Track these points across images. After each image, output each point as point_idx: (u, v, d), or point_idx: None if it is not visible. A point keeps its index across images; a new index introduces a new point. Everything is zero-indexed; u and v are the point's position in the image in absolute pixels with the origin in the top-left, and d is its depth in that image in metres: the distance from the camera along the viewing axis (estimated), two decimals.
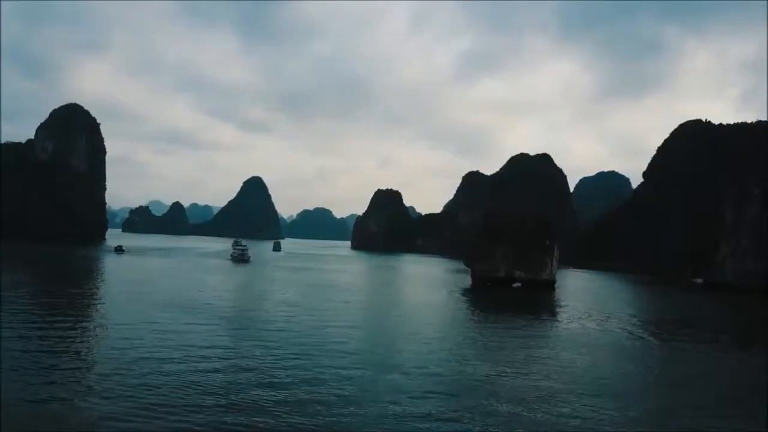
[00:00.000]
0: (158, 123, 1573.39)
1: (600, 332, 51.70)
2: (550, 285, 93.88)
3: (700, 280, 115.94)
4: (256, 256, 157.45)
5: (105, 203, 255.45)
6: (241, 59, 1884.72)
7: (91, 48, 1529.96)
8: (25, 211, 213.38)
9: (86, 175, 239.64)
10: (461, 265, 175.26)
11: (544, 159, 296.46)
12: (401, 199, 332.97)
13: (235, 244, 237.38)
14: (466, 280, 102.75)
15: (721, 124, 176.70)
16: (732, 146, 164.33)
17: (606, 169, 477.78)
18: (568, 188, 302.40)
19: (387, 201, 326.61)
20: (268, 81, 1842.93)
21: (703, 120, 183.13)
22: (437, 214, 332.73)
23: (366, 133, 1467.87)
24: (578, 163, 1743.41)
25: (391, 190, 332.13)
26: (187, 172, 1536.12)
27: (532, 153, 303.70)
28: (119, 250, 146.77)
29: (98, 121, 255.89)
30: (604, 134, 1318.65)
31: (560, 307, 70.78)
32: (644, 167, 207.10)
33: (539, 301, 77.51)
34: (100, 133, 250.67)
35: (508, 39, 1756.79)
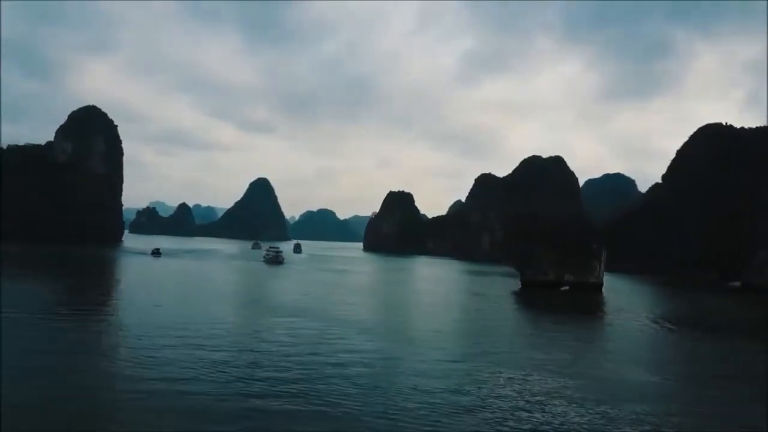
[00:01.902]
0: (161, 124, 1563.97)
1: (677, 334, 53.73)
2: (598, 288, 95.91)
3: (737, 284, 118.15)
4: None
5: (122, 205, 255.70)
6: (245, 60, 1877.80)
7: (96, 49, 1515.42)
8: (44, 212, 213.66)
9: (104, 176, 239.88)
10: (480, 267, 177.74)
11: (557, 161, 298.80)
12: (413, 201, 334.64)
13: (255, 246, 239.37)
14: (506, 283, 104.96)
15: (743, 128, 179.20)
16: (754, 151, 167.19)
17: (610, 171, 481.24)
18: (580, 191, 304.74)
19: (399, 203, 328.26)
20: (272, 81, 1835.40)
21: (724, 123, 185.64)
22: (448, 216, 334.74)
23: (368, 134, 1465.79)
24: (582, 164, 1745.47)
25: (402, 192, 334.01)
26: (190, 173, 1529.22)
27: (535, 154, 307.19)
28: (156, 253, 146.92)
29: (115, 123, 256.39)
30: (609, 136, 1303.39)
31: (623, 310, 72.49)
32: (649, 169, 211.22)
33: (601, 304, 79.38)
34: (117, 135, 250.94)
35: (512, 39, 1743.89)
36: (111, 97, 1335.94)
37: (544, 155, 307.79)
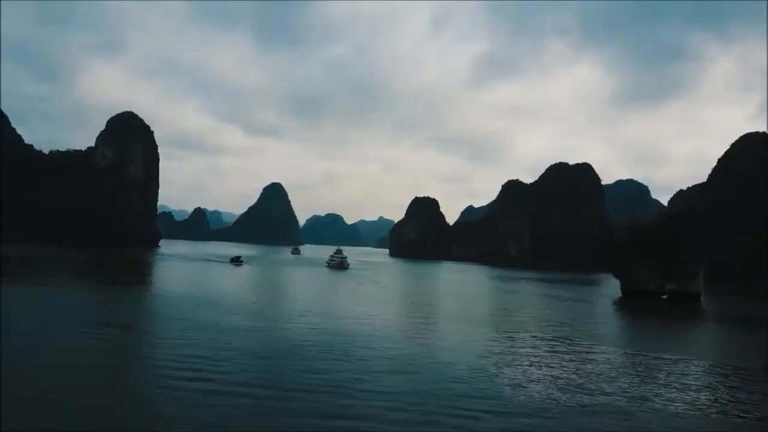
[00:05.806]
0: (169, 127, 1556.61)
1: None
2: (697, 297, 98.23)
3: None
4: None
5: (157, 210, 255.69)
6: (255, 62, 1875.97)
7: (104, 50, 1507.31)
8: (85, 217, 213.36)
9: (142, 181, 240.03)
10: (520, 273, 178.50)
11: (583, 168, 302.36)
12: (437, 207, 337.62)
13: (294, 251, 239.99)
14: (590, 292, 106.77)
15: None
16: None
17: (619, 176, 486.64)
18: (604, 198, 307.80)
19: (423, 209, 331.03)
20: (281, 84, 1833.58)
21: None
22: (474, 221, 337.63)
23: (376, 138, 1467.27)
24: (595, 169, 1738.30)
25: (428, 198, 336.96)
26: (195, 177, 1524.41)
27: (549, 159, 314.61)
28: (237, 261, 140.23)
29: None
30: (619, 141, 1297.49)
31: (748, 317, 74.78)
32: (657, 175, 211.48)
33: (715, 312, 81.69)
34: (154, 141, 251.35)
35: (527, 42, 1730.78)
36: (118, 99, 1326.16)
37: (553, 160, 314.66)
